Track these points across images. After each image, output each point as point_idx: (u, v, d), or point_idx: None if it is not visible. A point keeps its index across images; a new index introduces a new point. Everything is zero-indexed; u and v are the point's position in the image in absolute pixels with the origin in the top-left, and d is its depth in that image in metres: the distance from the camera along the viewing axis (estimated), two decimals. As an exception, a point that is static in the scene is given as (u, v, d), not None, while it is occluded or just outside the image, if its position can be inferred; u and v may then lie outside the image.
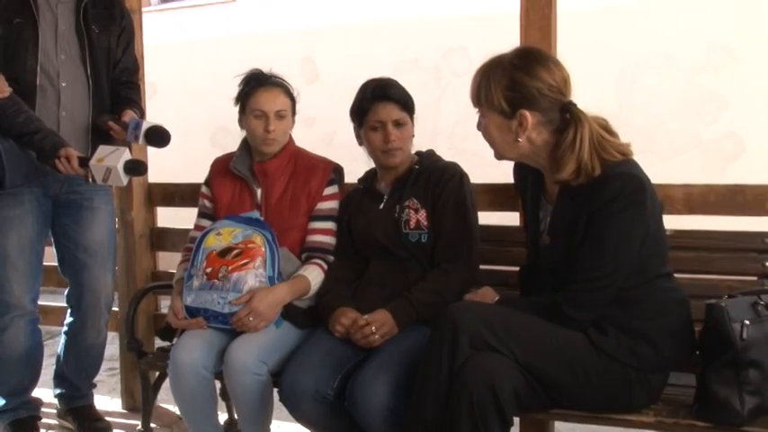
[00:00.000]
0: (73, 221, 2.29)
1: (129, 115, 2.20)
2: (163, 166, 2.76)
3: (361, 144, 2.05)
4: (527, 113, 1.58)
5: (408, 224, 1.96)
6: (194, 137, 4.46)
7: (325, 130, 3.80)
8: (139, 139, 2.10)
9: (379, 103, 1.95)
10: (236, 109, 2.13)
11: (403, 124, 1.96)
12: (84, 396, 2.49)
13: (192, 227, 2.23)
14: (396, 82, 2.01)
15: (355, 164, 2.13)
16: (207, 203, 2.20)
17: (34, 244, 2.24)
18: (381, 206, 2.02)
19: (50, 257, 2.39)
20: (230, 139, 2.14)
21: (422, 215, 1.96)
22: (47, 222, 2.29)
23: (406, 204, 1.97)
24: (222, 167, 2.17)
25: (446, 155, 2.13)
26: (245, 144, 2.15)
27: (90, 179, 2.03)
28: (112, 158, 1.98)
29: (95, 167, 2.00)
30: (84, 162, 2.02)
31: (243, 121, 2.10)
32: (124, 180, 2.00)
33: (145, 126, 2.11)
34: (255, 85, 2.07)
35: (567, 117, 1.58)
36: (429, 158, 2.06)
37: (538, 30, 2.05)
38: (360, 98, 2.00)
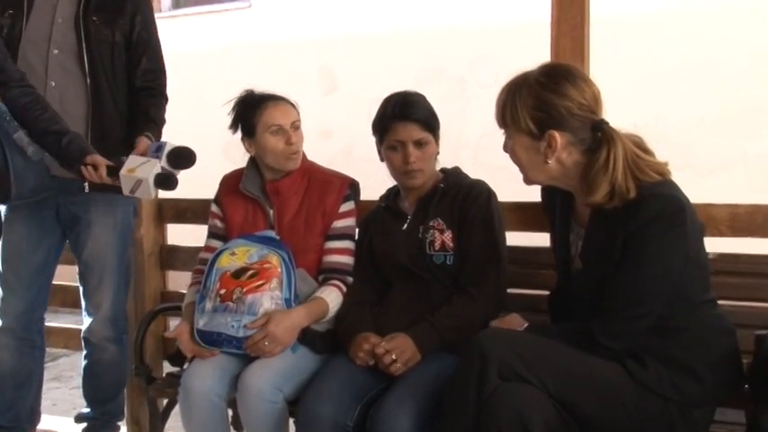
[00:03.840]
0: (75, 235, 2.32)
1: (143, 143, 2.17)
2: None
3: (382, 160, 2.06)
4: (556, 134, 1.59)
5: (433, 245, 1.96)
6: (206, 149, 4.51)
7: (342, 143, 3.85)
8: (161, 162, 2.06)
9: (399, 123, 1.95)
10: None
11: (425, 144, 1.97)
12: (104, 426, 2.48)
13: (203, 245, 2.25)
14: (419, 99, 2.01)
15: (375, 179, 2.15)
16: (218, 223, 2.22)
17: (24, 255, 2.26)
18: (405, 226, 2.03)
19: (56, 276, 2.42)
20: (242, 151, 2.16)
21: (447, 236, 1.96)
22: (46, 235, 2.29)
23: (430, 224, 1.98)
24: (232, 186, 2.18)
25: (470, 170, 2.13)
26: (254, 163, 2.17)
27: (122, 190, 2.02)
28: (144, 170, 2.00)
29: (125, 178, 2.01)
30: (113, 171, 2.03)
31: (253, 143, 2.10)
32: (153, 193, 2.02)
33: (167, 148, 2.08)
34: (261, 102, 2.09)
35: (598, 136, 1.58)
36: (455, 176, 2.07)
37: (570, 39, 2.06)
38: (381, 114, 2.01)
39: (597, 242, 1.61)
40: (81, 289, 2.39)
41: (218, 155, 4.79)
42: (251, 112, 2.09)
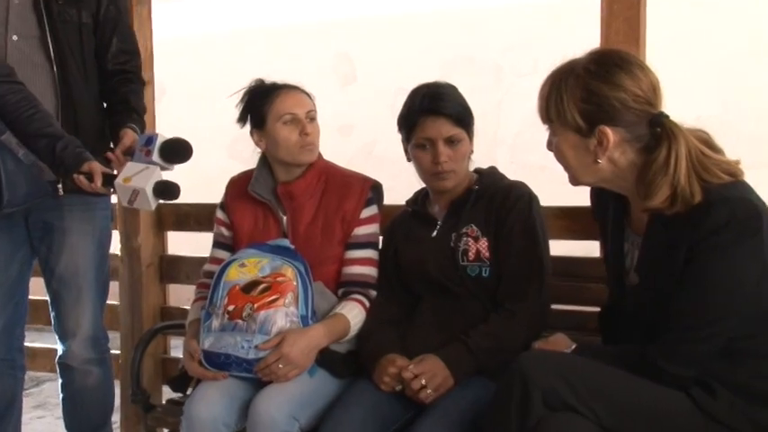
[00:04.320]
0: (47, 247, 2.32)
1: (129, 136, 2.18)
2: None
3: (409, 160, 2.07)
4: (608, 130, 1.58)
5: (467, 255, 1.97)
6: (210, 147, 4.53)
7: (363, 140, 3.86)
8: (153, 157, 2.05)
9: (428, 118, 1.96)
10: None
11: (457, 142, 1.97)
12: None
13: (207, 256, 2.27)
14: (451, 91, 2.02)
15: (400, 181, 2.15)
16: (224, 231, 2.23)
17: None
18: (434, 234, 2.04)
19: (38, 290, 2.45)
20: (252, 148, 2.18)
21: (482, 244, 1.97)
22: (18, 248, 2.30)
23: (463, 232, 1.99)
24: (240, 189, 2.20)
25: (507, 170, 2.13)
26: (264, 163, 2.18)
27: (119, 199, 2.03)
28: (141, 178, 1.99)
29: (121, 188, 2.01)
30: (108, 180, 2.03)
31: (263, 135, 2.12)
32: (152, 204, 2.01)
33: (159, 141, 2.07)
34: (273, 90, 2.11)
35: (657, 132, 1.57)
36: (491, 177, 2.07)
37: (623, 21, 2.05)
38: (407, 108, 2.02)
39: (656, 253, 1.60)
40: (53, 307, 2.38)
41: (222, 153, 4.81)
42: (261, 101, 2.11)
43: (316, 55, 4.43)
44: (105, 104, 2.35)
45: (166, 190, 2.04)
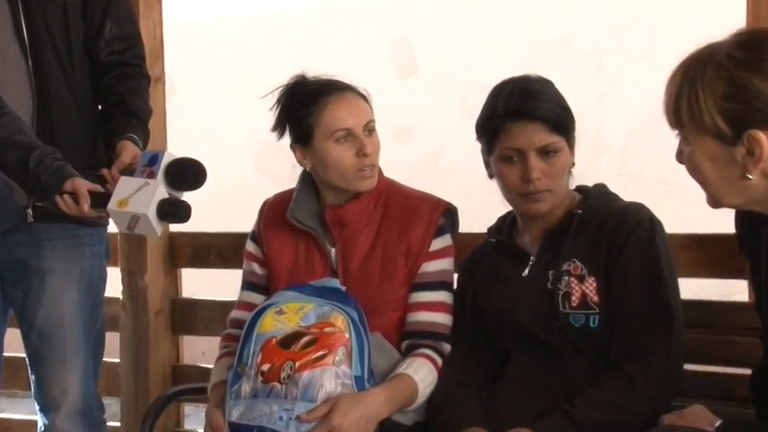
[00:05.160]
0: (22, 292, 2.31)
1: (128, 151, 2.17)
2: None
3: (491, 176, 2.06)
4: (761, 135, 1.52)
5: (569, 300, 1.95)
6: (231, 158, 4.56)
7: (425, 148, 3.84)
8: (157, 178, 2.03)
9: (516, 123, 1.95)
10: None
11: (554, 152, 1.96)
12: None
13: (234, 299, 2.27)
14: (545, 87, 2.01)
15: (476, 201, 2.19)
16: (257, 269, 2.24)
17: None
18: (526, 272, 2.03)
19: (16, 345, 2.44)
20: (283, 159, 2.16)
21: (590, 286, 1.95)
22: None
23: (564, 269, 1.97)
24: (277, 214, 2.21)
25: (615, 184, 2.11)
26: (307, 181, 2.19)
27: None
28: (140, 200, 1.98)
29: (117, 213, 2.01)
30: (101, 200, 2.01)
31: (308, 153, 2.12)
32: (158, 230, 2.01)
33: (166, 160, 2.06)
34: (320, 94, 2.10)
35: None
36: (599, 198, 2.05)
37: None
38: (489, 110, 2.02)
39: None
40: (32, 369, 2.37)
41: (247, 165, 4.85)
42: (305, 108, 2.10)
43: (365, 41, 4.44)
44: (101, 107, 2.36)
45: (174, 211, 2.03)
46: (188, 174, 2.10)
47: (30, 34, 2.17)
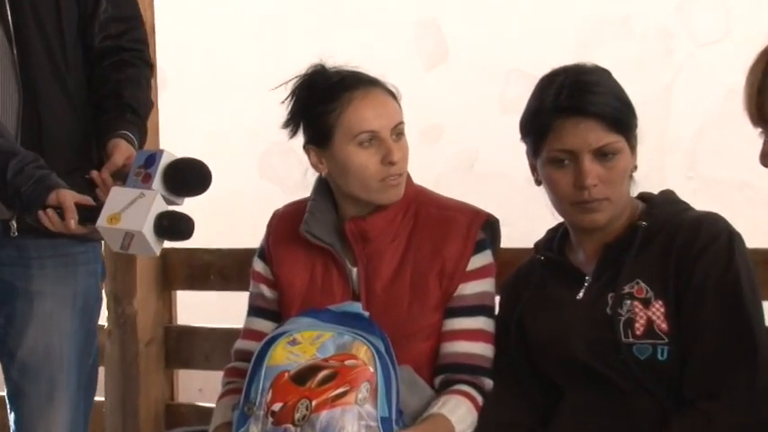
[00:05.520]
0: (5, 318, 2.30)
1: (121, 151, 2.16)
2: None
3: (538, 183, 2.04)
4: None
5: (633, 328, 1.92)
6: (233, 161, 4.52)
7: (457, 148, 3.81)
8: (154, 184, 2.01)
9: (568, 120, 1.93)
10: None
11: (612, 155, 1.95)
12: None
13: (239, 327, 2.28)
14: (602, 78, 1.99)
15: (515, 210, 2.13)
16: (266, 292, 2.24)
17: None
18: (581, 295, 2.01)
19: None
20: (293, 163, 2.10)
21: (656, 311, 1.91)
22: None
23: (626, 292, 1.95)
24: (289, 228, 2.20)
25: (683, 190, 2.09)
26: (323, 189, 2.19)
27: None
28: (134, 215, 1.96)
29: (108, 231, 1.99)
30: (90, 215, 2.00)
31: (325, 156, 2.12)
32: (156, 249, 2.00)
33: (164, 161, 2.04)
34: (342, 89, 2.09)
35: None
36: (666, 207, 2.03)
37: None
38: (535, 105, 2.00)
39: None
40: (12, 407, 2.34)
41: (251, 169, 4.84)
42: (324, 105, 2.08)
43: (388, 24, 4.43)
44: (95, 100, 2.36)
45: (174, 226, 2.00)
46: (190, 176, 2.06)
47: (14, 16, 2.17)
